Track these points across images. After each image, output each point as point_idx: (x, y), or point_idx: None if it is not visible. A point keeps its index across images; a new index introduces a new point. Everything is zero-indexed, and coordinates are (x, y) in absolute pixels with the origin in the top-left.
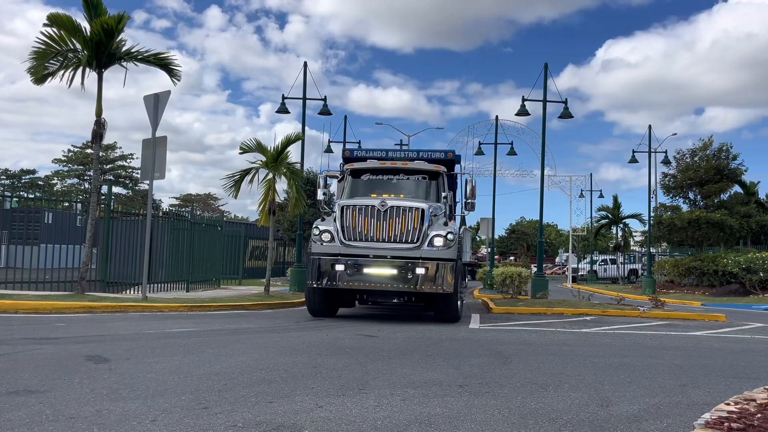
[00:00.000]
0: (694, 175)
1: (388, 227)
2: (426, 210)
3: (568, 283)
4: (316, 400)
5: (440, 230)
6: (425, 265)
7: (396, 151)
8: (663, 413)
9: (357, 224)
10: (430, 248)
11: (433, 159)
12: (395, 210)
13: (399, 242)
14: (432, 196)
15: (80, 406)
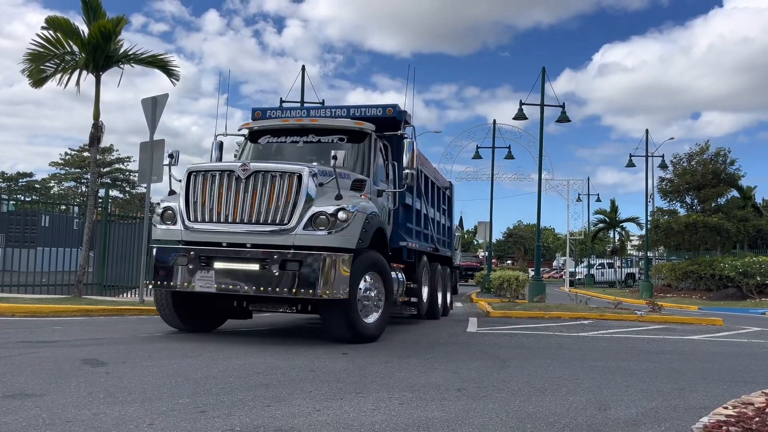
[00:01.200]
0: (691, 179)
1: (250, 202)
2: (305, 176)
3: (566, 287)
4: (313, 403)
5: (326, 206)
6: (299, 258)
7: (319, 109)
8: (661, 417)
9: (208, 198)
10: (307, 232)
11: (363, 117)
12: (261, 177)
13: (264, 224)
14: (357, 166)
15: (77, 410)
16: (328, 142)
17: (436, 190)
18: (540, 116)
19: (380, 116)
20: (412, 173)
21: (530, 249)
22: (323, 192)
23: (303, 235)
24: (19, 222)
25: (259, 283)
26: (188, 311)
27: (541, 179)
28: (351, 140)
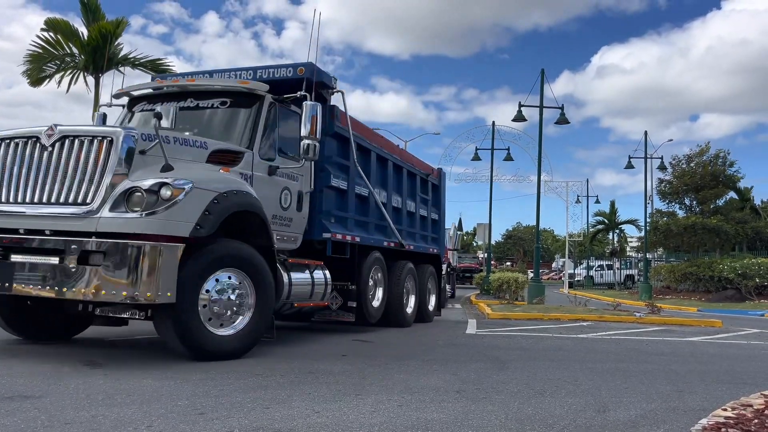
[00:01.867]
0: (690, 180)
1: (52, 176)
2: (118, 140)
3: (565, 288)
4: (312, 405)
5: (143, 180)
6: (103, 249)
7: (221, 72)
8: (660, 419)
9: (7, 173)
10: (115, 214)
11: (271, 79)
12: (68, 144)
13: (66, 204)
14: (238, 134)
15: (76, 412)
16: (207, 107)
17: (406, 175)
18: (539, 118)
19: (291, 78)
20: (314, 145)
21: (529, 251)
22: (148, 163)
23: (109, 218)
24: None
25: (58, 282)
26: (27, 315)
27: (540, 181)
28: (237, 104)
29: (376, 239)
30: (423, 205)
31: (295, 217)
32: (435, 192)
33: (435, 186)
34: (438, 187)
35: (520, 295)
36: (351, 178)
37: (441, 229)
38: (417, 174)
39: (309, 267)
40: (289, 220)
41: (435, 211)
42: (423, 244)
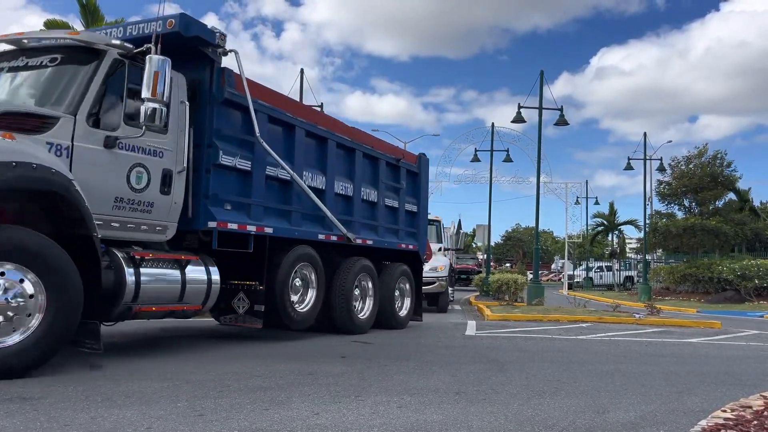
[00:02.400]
0: (689, 182)
1: None
2: None
3: (564, 290)
4: (312, 407)
5: None
6: None
7: None
8: (659, 420)
9: None
10: None
11: (140, 36)
12: None
13: None
14: (68, 97)
15: (75, 413)
16: (36, 66)
17: (361, 158)
18: (538, 119)
19: (162, 33)
20: (160, 109)
21: (529, 252)
22: None
23: None
24: None
25: None
26: None
27: (539, 182)
28: (70, 60)
29: (305, 231)
30: (391, 194)
31: (158, 201)
32: (412, 180)
33: (412, 173)
34: (417, 175)
35: (519, 296)
36: (257, 157)
37: (420, 222)
38: (380, 158)
39: (180, 262)
40: (149, 205)
41: (412, 201)
42: (390, 239)
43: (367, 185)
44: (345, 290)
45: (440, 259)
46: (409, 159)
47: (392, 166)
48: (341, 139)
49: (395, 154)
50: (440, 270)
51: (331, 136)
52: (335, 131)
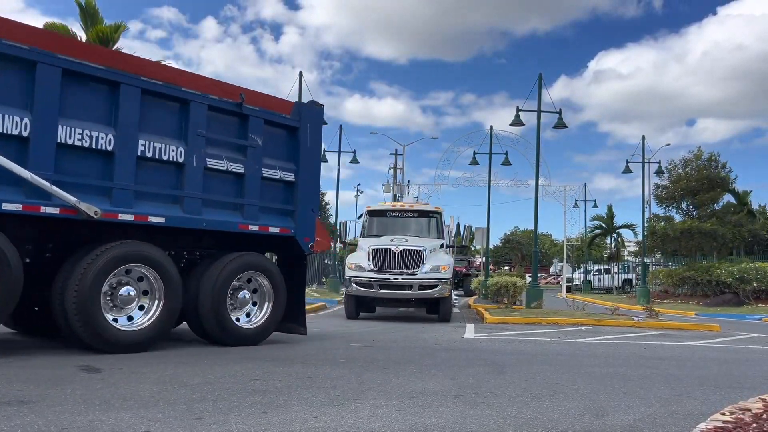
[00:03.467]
0: (686, 185)
1: None
2: None
3: (563, 293)
4: (311, 410)
5: None
6: None
7: None
8: (658, 423)
9: None
10: None
11: None
12: None
13: None
14: None
15: (72, 417)
16: None
17: (131, 94)
18: (537, 122)
19: None
20: None
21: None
22: None
23: None
24: None
25: None
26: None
27: (538, 185)
28: None
29: None
30: (227, 154)
31: None
32: (285, 138)
33: (284, 128)
34: (295, 132)
35: (518, 299)
36: None
37: (302, 196)
38: (189, 100)
39: None
40: None
41: (284, 167)
42: (220, 216)
43: (155, 136)
44: (81, 291)
45: (442, 257)
46: (275, 106)
47: (226, 113)
48: (77, 66)
49: (231, 96)
50: (443, 271)
51: (47, 59)
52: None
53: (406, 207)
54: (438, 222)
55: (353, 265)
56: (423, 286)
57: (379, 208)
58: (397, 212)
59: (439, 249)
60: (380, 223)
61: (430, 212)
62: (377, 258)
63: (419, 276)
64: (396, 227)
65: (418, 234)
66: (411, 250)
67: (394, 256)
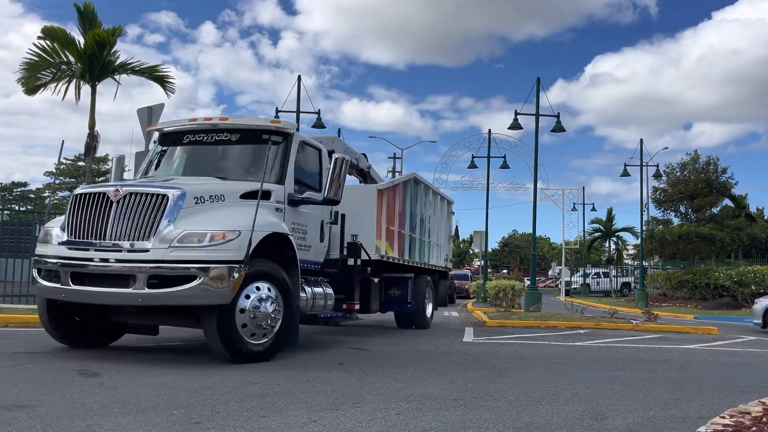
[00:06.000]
0: (684, 188)
1: None
2: None
3: (562, 296)
4: (309, 414)
5: None
6: None
7: None
8: (658, 427)
9: None
10: None
11: None
12: None
13: None
14: None
15: (71, 421)
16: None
17: None
18: (535, 126)
19: None
20: None
21: (526, 258)
22: None
23: None
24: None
25: None
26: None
27: (536, 188)
28: None
29: None
30: None
31: None
32: None
33: None
34: None
35: (516, 302)
36: None
37: None
38: None
39: None
40: None
41: None
42: None
43: None
44: None
45: (230, 213)
46: None
47: None
48: None
49: None
50: (216, 242)
51: None
52: None
53: (216, 122)
54: (283, 152)
55: (44, 233)
56: (157, 279)
57: (172, 129)
58: (201, 134)
59: (243, 199)
60: (175, 158)
61: (262, 131)
62: (78, 216)
63: (152, 253)
64: (200, 164)
65: (240, 173)
66: (141, 196)
67: (106, 212)
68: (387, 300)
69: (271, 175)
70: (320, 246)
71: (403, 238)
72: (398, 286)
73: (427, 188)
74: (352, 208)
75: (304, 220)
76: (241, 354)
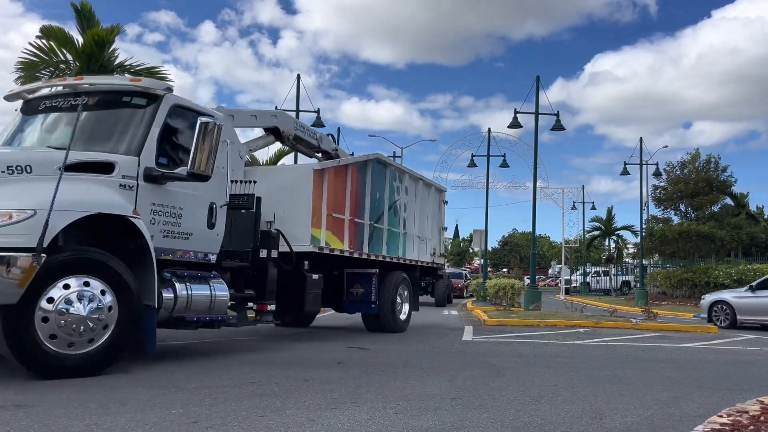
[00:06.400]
0: (684, 187)
1: None
2: None
3: (561, 295)
4: (307, 413)
5: None
6: None
7: None
8: (656, 425)
9: None
10: None
11: None
12: None
13: None
14: None
15: (69, 421)
16: None
17: None
18: (535, 124)
19: None
20: None
21: (526, 257)
22: None
23: None
24: None
25: None
26: None
27: (536, 187)
28: None
29: None
30: None
31: None
32: None
33: None
34: None
35: (516, 301)
36: None
37: None
38: None
39: None
40: None
41: None
42: None
43: None
44: None
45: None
46: None
47: None
48: None
49: None
50: None
51: None
52: None
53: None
54: (146, 117)
55: None
56: None
57: (31, 95)
58: (59, 99)
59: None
60: (31, 127)
61: (123, 92)
62: None
63: None
64: (55, 132)
65: (92, 142)
66: None
67: None
68: (350, 299)
69: (122, 145)
70: (209, 234)
71: (358, 228)
72: (361, 283)
73: (402, 172)
74: (284, 191)
75: (177, 201)
76: (45, 367)
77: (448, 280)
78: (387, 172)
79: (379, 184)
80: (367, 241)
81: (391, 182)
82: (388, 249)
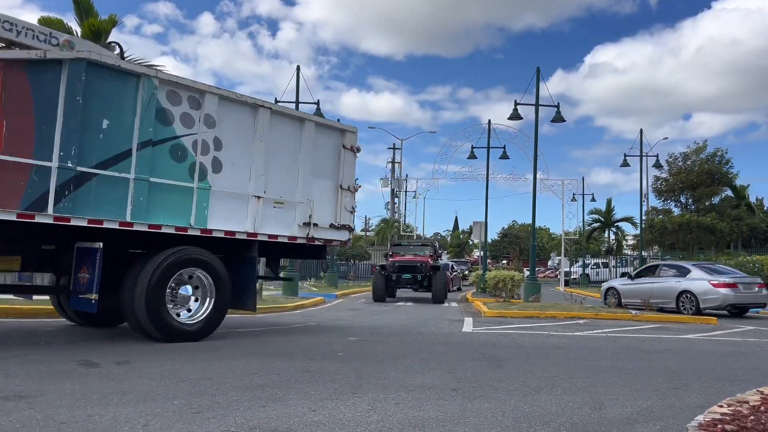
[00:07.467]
0: (686, 178)
1: None
2: None
3: (561, 286)
4: (309, 404)
5: None
6: None
7: None
8: (656, 416)
9: None
10: None
11: None
12: None
13: None
14: None
15: (71, 411)
16: None
17: None
18: (535, 116)
19: None
20: None
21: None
22: None
23: None
24: None
25: None
26: None
27: (536, 179)
28: None
29: None
30: None
31: None
32: None
33: None
34: None
35: (516, 293)
36: None
37: None
38: None
39: None
40: None
41: None
42: None
43: None
44: None
45: None
46: None
47: None
48: None
49: None
50: None
51: None
52: None
53: None
54: None
55: None
56: None
57: None
58: None
59: None
60: None
61: None
62: None
63: None
64: None
65: None
66: None
67: None
68: (77, 290)
69: None
70: None
71: (22, 173)
72: (87, 265)
73: (201, 93)
74: None
75: None
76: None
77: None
78: (141, 87)
79: (107, 106)
80: (54, 195)
81: (159, 105)
82: (148, 212)
